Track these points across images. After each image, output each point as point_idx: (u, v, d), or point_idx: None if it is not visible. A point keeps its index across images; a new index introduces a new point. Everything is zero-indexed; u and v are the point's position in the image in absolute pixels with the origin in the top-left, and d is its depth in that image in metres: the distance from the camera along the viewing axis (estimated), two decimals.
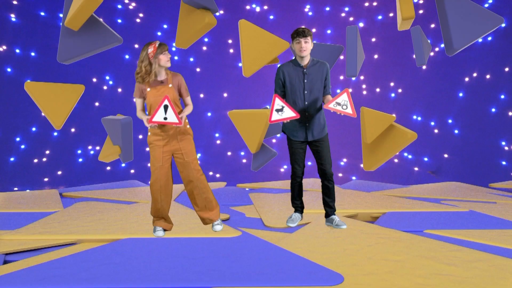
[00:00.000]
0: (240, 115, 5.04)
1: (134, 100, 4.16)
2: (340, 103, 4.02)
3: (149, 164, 4.15)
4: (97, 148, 8.65)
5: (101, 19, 4.19)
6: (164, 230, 4.32)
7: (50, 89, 4.26)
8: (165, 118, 3.82)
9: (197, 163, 4.19)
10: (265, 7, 9.29)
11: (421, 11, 8.98)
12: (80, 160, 8.71)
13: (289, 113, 4.00)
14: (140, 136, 8.86)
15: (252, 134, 5.14)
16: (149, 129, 4.11)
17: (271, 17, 9.26)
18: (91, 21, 4.11)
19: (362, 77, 9.36)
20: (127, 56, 9.12)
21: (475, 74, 8.98)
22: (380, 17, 9.41)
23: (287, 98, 4.31)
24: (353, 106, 4.06)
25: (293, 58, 4.34)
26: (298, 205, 4.63)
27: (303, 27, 4.29)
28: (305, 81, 4.23)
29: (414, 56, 4.42)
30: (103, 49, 4.21)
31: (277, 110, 4.01)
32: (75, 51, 4.16)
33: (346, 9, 9.47)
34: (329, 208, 4.47)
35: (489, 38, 8.86)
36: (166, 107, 3.83)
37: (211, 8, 4.55)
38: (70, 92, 4.36)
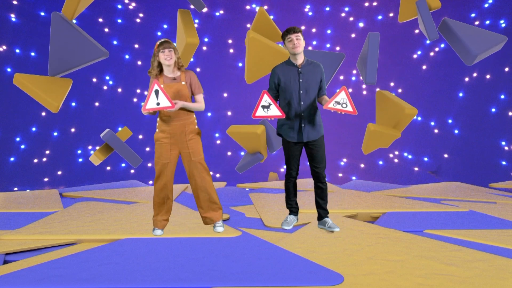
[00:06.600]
0: (237, 133, 5.25)
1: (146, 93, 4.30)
2: (340, 102, 3.96)
3: (149, 164, 4.16)
4: (98, 148, 8.67)
5: (87, 34, 4.39)
6: (162, 229, 4.39)
7: (39, 80, 4.42)
8: (158, 104, 3.79)
9: (204, 163, 4.21)
10: (265, 7, 9.29)
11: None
12: (80, 160, 8.71)
13: (275, 112, 3.89)
14: (140, 136, 8.86)
15: (253, 146, 5.27)
16: (157, 126, 4.14)
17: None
18: (78, 37, 4.37)
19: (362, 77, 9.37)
20: (127, 56, 9.12)
21: (475, 74, 8.98)
22: (380, 17, 9.41)
23: (282, 99, 4.23)
24: (353, 104, 4.02)
25: (288, 59, 4.28)
26: (293, 206, 4.59)
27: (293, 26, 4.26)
28: (301, 80, 4.14)
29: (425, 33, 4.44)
30: (90, 63, 4.47)
31: (263, 107, 3.90)
32: (64, 65, 4.43)
33: (346, 9, 9.47)
34: (322, 210, 4.46)
35: None
36: (157, 92, 3.79)
37: (195, 6, 4.69)
38: (59, 84, 4.48)
